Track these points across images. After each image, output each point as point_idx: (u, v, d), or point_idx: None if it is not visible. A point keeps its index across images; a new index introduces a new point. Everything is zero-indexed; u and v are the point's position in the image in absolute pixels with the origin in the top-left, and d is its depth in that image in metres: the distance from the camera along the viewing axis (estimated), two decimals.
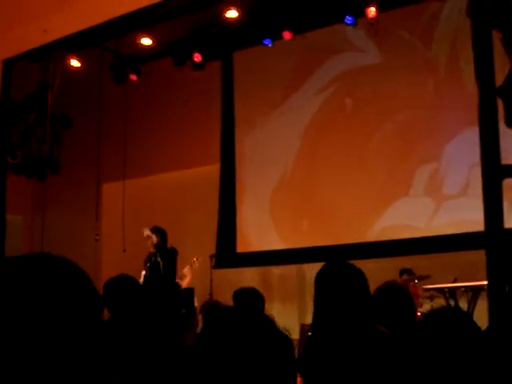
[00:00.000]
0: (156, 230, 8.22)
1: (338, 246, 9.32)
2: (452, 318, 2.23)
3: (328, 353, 2.63)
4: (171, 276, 8.15)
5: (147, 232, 8.22)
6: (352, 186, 9.55)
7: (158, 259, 8.02)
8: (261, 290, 5.55)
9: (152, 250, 8.17)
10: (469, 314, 2.34)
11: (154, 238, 8.16)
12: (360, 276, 2.83)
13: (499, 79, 1.69)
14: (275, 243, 10.10)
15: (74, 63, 10.27)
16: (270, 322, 2.98)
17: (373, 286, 4.33)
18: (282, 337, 3.07)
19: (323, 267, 2.86)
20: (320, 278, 2.83)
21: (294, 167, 10.14)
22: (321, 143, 9.93)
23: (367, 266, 9.02)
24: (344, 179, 9.63)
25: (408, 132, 9.28)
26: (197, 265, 9.16)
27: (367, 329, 2.71)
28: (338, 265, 2.89)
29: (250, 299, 5.38)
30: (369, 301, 2.83)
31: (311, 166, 9.99)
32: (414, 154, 9.21)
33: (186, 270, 8.66)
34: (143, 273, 8.10)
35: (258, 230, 10.37)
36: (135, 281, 4.09)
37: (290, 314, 9.53)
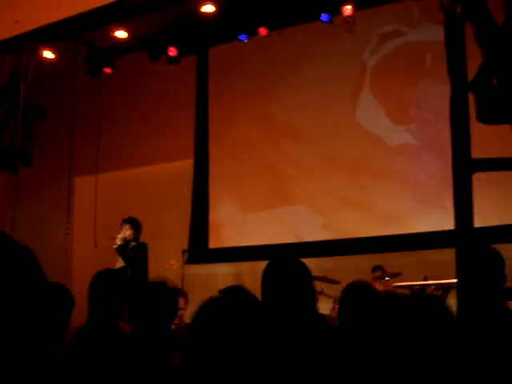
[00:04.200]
0: (134, 222, 8.04)
1: (310, 242, 9.34)
2: (422, 303, 2.23)
3: (274, 347, 2.62)
4: (144, 271, 8.00)
5: (126, 225, 8.00)
6: (325, 183, 9.58)
7: (130, 252, 7.88)
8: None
9: (120, 242, 7.94)
10: (438, 298, 2.34)
11: (130, 231, 7.97)
12: (303, 270, 2.85)
13: (471, 74, 1.71)
14: (247, 239, 10.10)
15: (48, 55, 10.17)
16: None
17: (345, 281, 4.36)
18: None
19: (268, 264, 2.90)
20: (265, 274, 2.87)
21: (268, 163, 10.14)
22: (296, 138, 9.95)
23: (340, 262, 9.06)
24: (317, 175, 9.65)
25: (386, 131, 9.35)
26: (175, 267, 9.10)
27: (312, 322, 2.72)
28: (280, 261, 2.92)
29: None
30: (313, 295, 2.86)
31: (286, 161, 10.00)
32: (390, 152, 9.27)
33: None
34: (117, 265, 7.89)
35: (230, 226, 10.36)
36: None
37: None
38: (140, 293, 3.30)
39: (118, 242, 7.97)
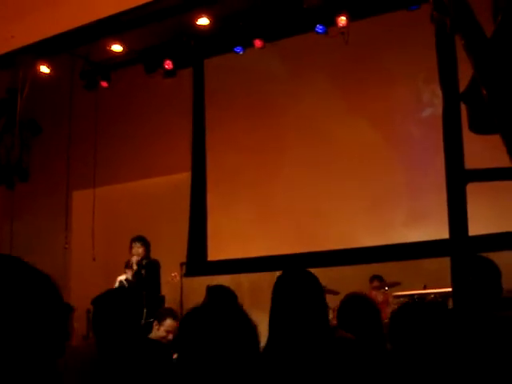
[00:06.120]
0: (144, 240, 8.10)
1: (310, 253, 9.32)
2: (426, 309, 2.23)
3: (286, 360, 2.59)
4: (156, 288, 8.14)
5: (136, 243, 8.03)
6: (325, 193, 9.57)
7: (142, 271, 7.90)
8: None
9: (134, 259, 7.95)
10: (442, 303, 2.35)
11: (142, 250, 8.01)
12: (315, 283, 2.82)
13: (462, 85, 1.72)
14: (246, 251, 10.07)
15: (44, 69, 10.19)
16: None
17: (344, 291, 4.35)
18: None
19: (280, 275, 2.85)
20: (276, 286, 2.82)
21: (266, 175, 10.13)
22: (293, 150, 9.94)
23: (339, 272, 9.02)
24: (316, 187, 9.64)
25: (382, 142, 9.35)
26: (177, 279, 9.12)
27: (326, 334, 2.69)
28: (293, 273, 2.88)
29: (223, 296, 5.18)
30: (325, 308, 2.82)
31: (283, 173, 9.99)
32: (387, 163, 9.27)
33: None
34: (122, 277, 7.86)
35: (228, 238, 10.33)
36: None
37: (262, 323, 9.48)
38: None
39: (135, 261, 7.98)
